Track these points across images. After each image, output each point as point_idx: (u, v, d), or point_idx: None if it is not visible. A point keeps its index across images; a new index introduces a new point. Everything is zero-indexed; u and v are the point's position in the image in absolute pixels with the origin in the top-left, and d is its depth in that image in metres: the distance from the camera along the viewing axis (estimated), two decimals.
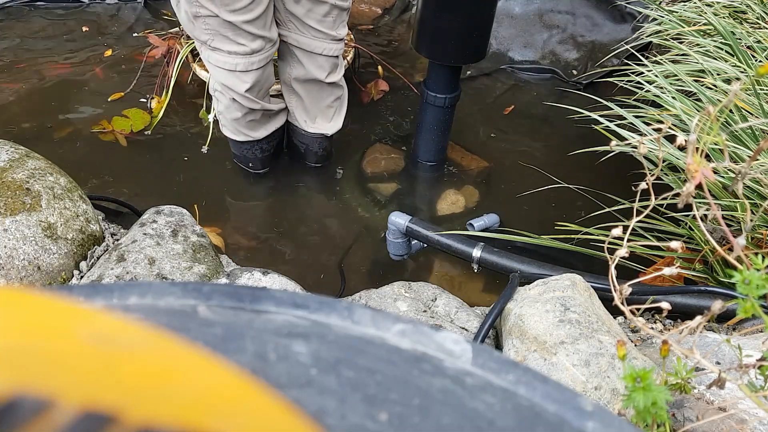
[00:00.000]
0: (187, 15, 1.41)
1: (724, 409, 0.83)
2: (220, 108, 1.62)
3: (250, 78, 1.50)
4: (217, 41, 1.44)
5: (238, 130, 1.66)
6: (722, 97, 1.37)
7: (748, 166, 0.61)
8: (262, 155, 1.77)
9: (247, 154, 1.76)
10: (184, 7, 1.41)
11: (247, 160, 1.79)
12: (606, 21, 2.35)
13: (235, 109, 1.58)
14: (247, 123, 1.64)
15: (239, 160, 1.82)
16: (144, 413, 0.18)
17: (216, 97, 1.61)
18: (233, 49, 1.44)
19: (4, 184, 1.21)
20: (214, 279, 1.21)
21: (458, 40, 1.53)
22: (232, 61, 1.46)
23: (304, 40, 1.54)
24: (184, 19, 1.43)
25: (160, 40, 2.10)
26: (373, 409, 0.26)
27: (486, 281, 1.56)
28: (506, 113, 2.15)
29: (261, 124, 1.67)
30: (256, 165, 1.80)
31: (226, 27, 1.40)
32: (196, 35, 1.46)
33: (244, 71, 1.48)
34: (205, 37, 1.44)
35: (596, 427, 0.28)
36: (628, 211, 1.39)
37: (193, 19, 1.41)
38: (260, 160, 1.78)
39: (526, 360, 0.97)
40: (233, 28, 1.40)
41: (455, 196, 1.82)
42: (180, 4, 1.41)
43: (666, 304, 0.69)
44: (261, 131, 1.69)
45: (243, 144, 1.72)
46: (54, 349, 0.20)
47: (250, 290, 0.32)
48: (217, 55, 1.47)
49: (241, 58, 1.46)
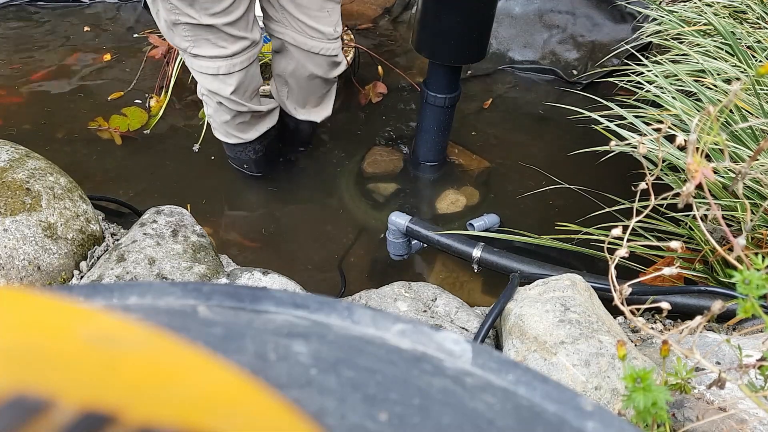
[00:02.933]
0: (167, 23, 1.40)
1: (724, 409, 0.83)
2: (209, 111, 1.62)
3: (233, 80, 1.49)
4: (198, 47, 1.42)
5: (228, 133, 1.66)
6: (722, 97, 1.37)
7: (748, 166, 0.61)
8: (255, 156, 1.77)
9: (241, 155, 1.76)
10: (163, 16, 1.39)
11: (241, 161, 1.79)
12: (606, 21, 2.35)
13: (224, 112, 1.58)
14: (237, 125, 1.63)
15: (235, 163, 1.82)
16: (144, 413, 0.18)
17: (204, 102, 1.61)
18: (214, 53, 1.43)
19: (4, 184, 1.21)
20: (214, 279, 1.21)
21: (458, 40, 1.53)
22: (213, 65, 1.45)
23: (302, 39, 1.54)
24: (164, 27, 1.42)
25: (161, 40, 2.10)
26: (373, 409, 0.26)
27: (486, 281, 1.56)
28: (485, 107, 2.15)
29: (251, 125, 1.67)
30: (251, 167, 1.80)
31: (206, 31, 1.39)
32: (176, 43, 1.45)
33: (227, 74, 1.47)
34: (186, 44, 1.42)
35: (596, 427, 0.28)
36: (628, 211, 1.39)
37: (172, 27, 1.40)
38: (254, 161, 1.78)
39: (526, 360, 0.97)
40: (214, 31, 1.39)
41: (455, 196, 1.82)
42: (159, 14, 1.40)
43: (666, 304, 0.69)
44: (252, 133, 1.69)
45: (235, 146, 1.72)
46: (54, 349, 0.20)
47: (250, 290, 0.32)
48: (199, 61, 1.46)
49: (223, 61, 1.45)
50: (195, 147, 1.90)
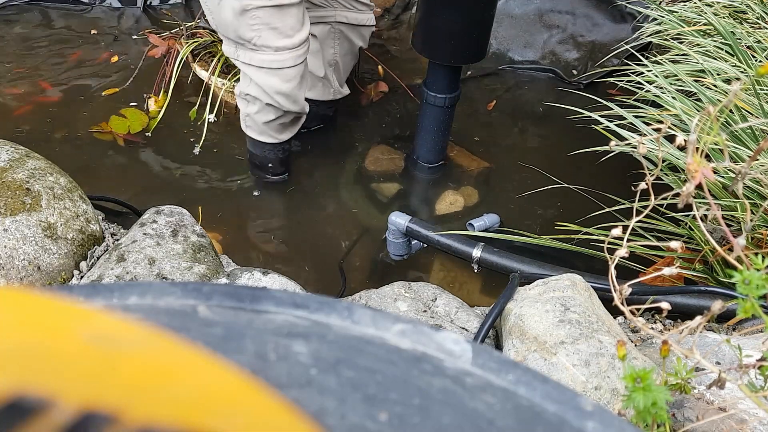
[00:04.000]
0: (233, 11, 1.35)
1: (724, 409, 0.83)
2: (250, 110, 1.59)
3: (295, 73, 1.47)
4: (264, 37, 1.39)
5: (265, 132, 1.64)
6: (722, 97, 1.37)
7: (748, 166, 0.61)
8: (283, 155, 1.75)
9: (269, 155, 1.73)
10: (229, 4, 1.35)
11: (267, 161, 1.75)
12: (606, 21, 2.35)
13: (270, 112, 1.55)
14: (278, 125, 1.61)
15: (257, 161, 1.77)
16: (144, 413, 0.18)
17: (245, 102, 1.57)
18: (280, 43, 1.40)
19: (4, 184, 1.21)
20: (214, 279, 1.21)
21: (458, 40, 1.53)
22: (279, 58, 1.42)
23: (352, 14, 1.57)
24: (229, 17, 1.38)
25: (161, 40, 2.10)
26: (373, 409, 0.26)
27: (486, 281, 1.56)
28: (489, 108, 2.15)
29: (288, 126, 1.65)
30: (276, 167, 1.77)
31: (277, 15, 1.35)
32: (240, 34, 1.40)
33: (292, 66, 1.45)
34: (251, 35, 1.38)
35: (596, 427, 0.28)
36: (628, 211, 1.39)
37: (240, 15, 1.35)
38: (280, 160, 1.76)
39: (526, 360, 0.97)
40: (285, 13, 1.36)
41: (455, 196, 1.82)
42: (222, 2, 1.35)
43: (666, 304, 0.69)
44: (286, 134, 1.67)
45: (266, 145, 1.69)
46: (54, 349, 0.20)
47: (250, 290, 0.33)
48: (261, 54, 1.42)
49: (288, 53, 1.42)
50: (196, 150, 1.90)
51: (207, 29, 2.12)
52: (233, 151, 1.91)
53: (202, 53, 2.07)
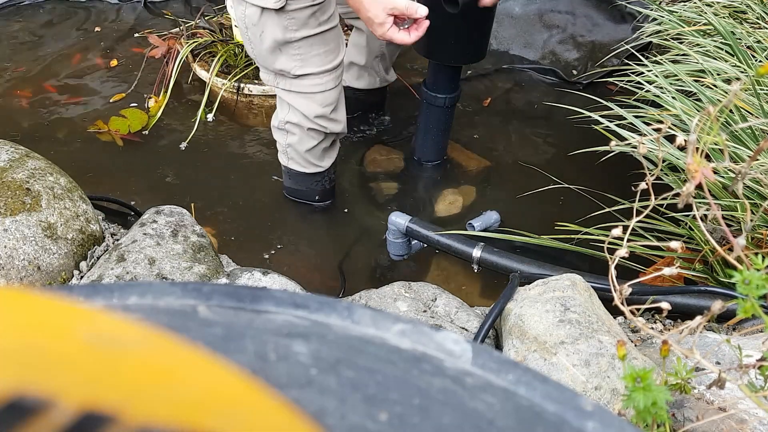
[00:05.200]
0: (275, 43, 1.33)
1: (724, 409, 0.83)
2: (290, 141, 1.56)
3: (336, 94, 1.47)
4: (306, 65, 1.38)
5: (308, 162, 1.61)
6: (722, 97, 1.37)
7: (748, 166, 0.61)
8: (330, 185, 1.72)
9: (316, 186, 1.69)
10: (270, 37, 1.32)
11: (313, 193, 1.71)
12: (606, 21, 2.35)
13: (311, 138, 1.53)
14: (321, 151, 1.59)
15: (302, 196, 1.73)
16: (144, 413, 0.18)
17: (286, 130, 1.54)
18: (324, 66, 1.39)
19: (4, 184, 1.21)
20: (214, 279, 1.21)
21: (458, 40, 1.53)
22: (321, 81, 1.41)
23: None
24: (267, 49, 1.35)
25: (160, 40, 2.10)
26: (373, 409, 0.26)
27: (486, 281, 1.56)
28: (485, 106, 2.15)
29: (329, 151, 1.63)
30: (323, 197, 1.73)
31: (318, 41, 1.35)
32: (279, 66, 1.38)
33: (333, 88, 1.45)
34: (292, 65, 1.37)
35: (596, 427, 0.28)
36: (628, 211, 1.39)
37: (280, 48, 1.34)
38: (327, 191, 1.73)
39: (526, 360, 0.97)
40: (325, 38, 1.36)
41: (455, 196, 1.82)
42: (263, 36, 1.32)
43: (666, 304, 0.69)
44: (327, 160, 1.64)
45: (312, 176, 1.65)
46: (54, 349, 0.20)
47: (250, 290, 0.33)
48: (304, 80, 1.41)
49: (328, 75, 1.42)
50: (182, 145, 1.89)
51: (207, 29, 2.12)
52: (231, 149, 1.91)
53: (202, 53, 2.07)
